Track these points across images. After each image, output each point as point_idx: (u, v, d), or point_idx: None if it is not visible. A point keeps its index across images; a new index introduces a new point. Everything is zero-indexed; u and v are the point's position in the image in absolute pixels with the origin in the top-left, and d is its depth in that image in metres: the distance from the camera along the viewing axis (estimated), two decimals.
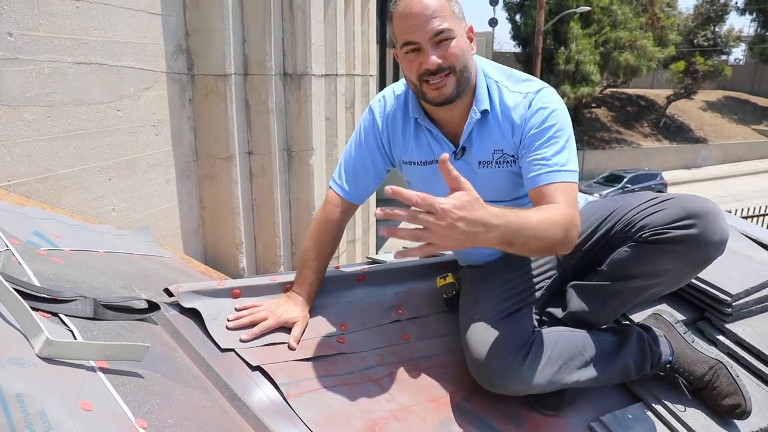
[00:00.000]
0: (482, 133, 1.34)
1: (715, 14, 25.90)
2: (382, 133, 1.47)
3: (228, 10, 3.64)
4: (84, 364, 0.88)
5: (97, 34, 2.74)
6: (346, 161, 1.53)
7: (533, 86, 1.33)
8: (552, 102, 1.30)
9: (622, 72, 21.59)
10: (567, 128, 1.30)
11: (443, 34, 1.22)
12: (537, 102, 1.30)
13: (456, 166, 1.33)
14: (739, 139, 26.17)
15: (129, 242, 1.87)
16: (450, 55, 1.24)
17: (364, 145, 1.49)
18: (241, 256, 4.07)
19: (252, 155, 4.18)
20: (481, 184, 1.36)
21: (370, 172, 1.51)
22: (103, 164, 2.84)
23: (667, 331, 1.44)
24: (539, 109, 1.29)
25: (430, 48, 1.23)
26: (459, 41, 1.25)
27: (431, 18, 1.21)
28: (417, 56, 1.25)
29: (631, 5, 22.02)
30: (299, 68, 4.38)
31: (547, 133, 1.28)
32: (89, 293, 1.12)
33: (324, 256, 1.50)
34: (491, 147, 1.34)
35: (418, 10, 1.21)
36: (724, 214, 1.29)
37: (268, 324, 1.34)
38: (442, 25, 1.22)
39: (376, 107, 1.49)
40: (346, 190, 1.51)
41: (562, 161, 1.26)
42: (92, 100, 2.73)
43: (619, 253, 1.29)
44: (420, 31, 1.22)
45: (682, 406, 1.36)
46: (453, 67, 1.25)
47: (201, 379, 1.13)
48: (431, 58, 1.23)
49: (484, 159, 1.36)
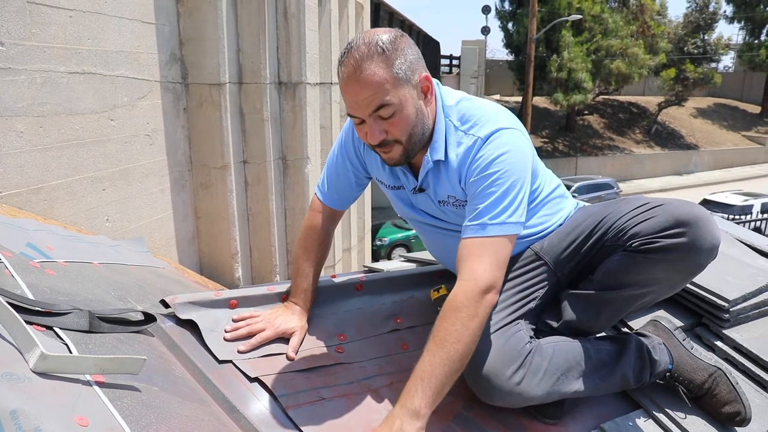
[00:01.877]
0: (437, 178, 1.34)
1: (705, 22, 26.21)
2: (357, 147, 1.47)
3: (222, 18, 3.64)
4: (80, 378, 0.87)
5: (90, 44, 2.74)
6: (328, 168, 1.53)
7: (487, 129, 1.25)
8: (500, 147, 1.23)
9: (614, 79, 21.77)
10: (512, 175, 1.22)
11: (383, 109, 1.17)
12: (483, 149, 1.24)
13: (419, 198, 1.41)
14: (730, 146, 26.42)
15: (123, 253, 1.85)
16: (393, 129, 1.21)
17: (345, 154, 1.49)
18: (236, 266, 4.05)
19: (247, 164, 4.18)
20: (445, 215, 1.41)
21: (351, 180, 1.51)
22: (96, 174, 2.83)
23: (666, 338, 1.44)
24: (482, 157, 1.23)
25: (372, 122, 1.20)
26: (404, 110, 1.20)
27: (370, 95, 1.16)
28: (362, 127, 1.23)
29: (621, 13, 22.25)
30: (294, 77, 4.39)
31: (485, 182, 1.22)
32: (84, 305, 1.10)
33: (315, 263, 1.49)
34: (445, 192, 1.34)
35: (355, 89, 1.17)
36: (714, 219, 1.28)
37: (266, 335, 1.33)
38: (381, 100, 1.16)
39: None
40: (329, 198, 1.52)
41: (493, 213, 1.20)
42: (86, 109, 2.72)
43: (611, 262, 1.28)
44: (359, 108, 1.19)
45: (682, 413, 1.36)
46: (398, 140, 1.23)
47: (198, 391, 1.11)
48: (375, 134, 1.20)
49: (441, 199, 1.37)
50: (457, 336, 1.11)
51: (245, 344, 1.30)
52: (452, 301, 1.15)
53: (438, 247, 1.53)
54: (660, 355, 1.37)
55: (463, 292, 1.14)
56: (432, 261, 2.05)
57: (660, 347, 1.39)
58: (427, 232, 1.51)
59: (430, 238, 1.52)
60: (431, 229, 1.48)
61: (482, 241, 1.19)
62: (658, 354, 1.37)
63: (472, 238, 1.20)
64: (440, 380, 1.08)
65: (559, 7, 19.91)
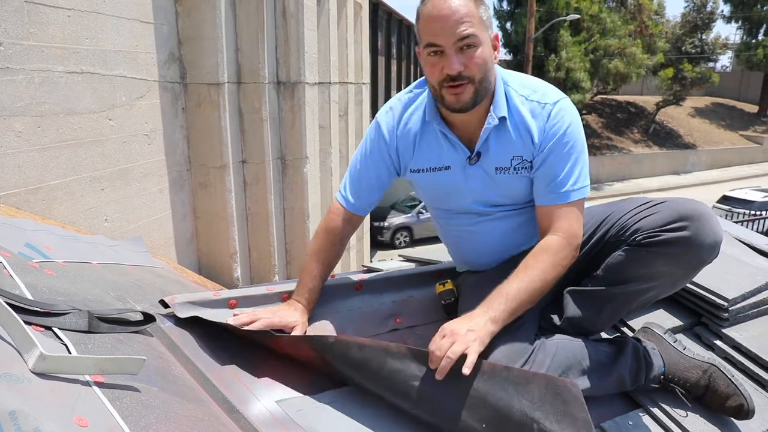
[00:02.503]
0: (500, 140, 1.34)
1: (702, 22, 26.24)
2: (390, 145, 1.45)
3: (221, 18, 3.64)
4: (79, 378, 0.86)
5: (88, 43, 2.73)
6: (351, 174, 1.52)
7: (552, 97, 1.33)
8: (568, 115, 1.32)
9: (612, 79, 21.78)
10: (581, 141, 1.33)
11: (468, 39, 1.21)
12: (556, 114, 1.31)
13: (470, 172, 1.38)
14: (727, 145, 26.46)
15: (122, 253, 1.85)
16: (472, 65, 1.24)
17: (370, 158, 1.48)
18: (235, 266, 4.04)
19: (246, 164, 4.17)
20: (496, 190, 1.38)
21: (374, 184, 1.50)
22: (95, 174, 2.82)
23: (657, 343, 1.44)
24: (559, 123, 1.31)
25: (453, 53, 1.22)
26: (483, 50, 1.24)
27: (458, 23, 1.20)
28: (439, 59, 1.24)
29: (619, 13, 22.27)
30: (293, 76, 4.39)
31: (563, 149, 1.31)
32: (83, 306, 1.10)
33: (325, 264, 1.48)
34: (510, 153, 1.34)
35: (446, 14, 1.20)
36: (717, 217, 1.29)
37: (269, 321, 1.31)
38: (467, 31, 1.21)
39: (384, 120, 1.47)
40: (351, 202, 1.50)
41: (572, 180, 1.31)
42: (84, 109, 2.72)
43: (614, 257, 1.29)
44: (445, 35, 1.21)
45: (682, 411, 1.36)
46: (472, 78, 1.25)
47: (198, 391, 1.11)
48: (453, 63, 1.22)
49: (501, 165, 1.35)
50: (544, 274, 1.24)
51: (248, 319, 1.31)
52: (547, 246, 1.28)
53: (466, 239, 1.50)
54: (655, 359, 1.38)
55: (557, 243, 1.28)
56: (431, 261, 2.05)
57: (654, 351, 1.39)
58: (459, 222, 1.49)
59: (462, 229, 1.49)
60: (468, 218, 1.46)
61: (568, 207, 1.31)
62: (653, 358, 1.37)
63: (557, 205, 1.31)
64: (519, 302, 1.21)
65: (557, 7, 19.91)
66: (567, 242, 1.28)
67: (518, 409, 1.06)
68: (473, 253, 1.52)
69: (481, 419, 1.08)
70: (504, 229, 1.45)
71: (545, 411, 1.04)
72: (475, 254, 1.52)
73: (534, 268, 1.25)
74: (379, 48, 12.66)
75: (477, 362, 1.10)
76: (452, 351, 1.09)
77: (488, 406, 1.08)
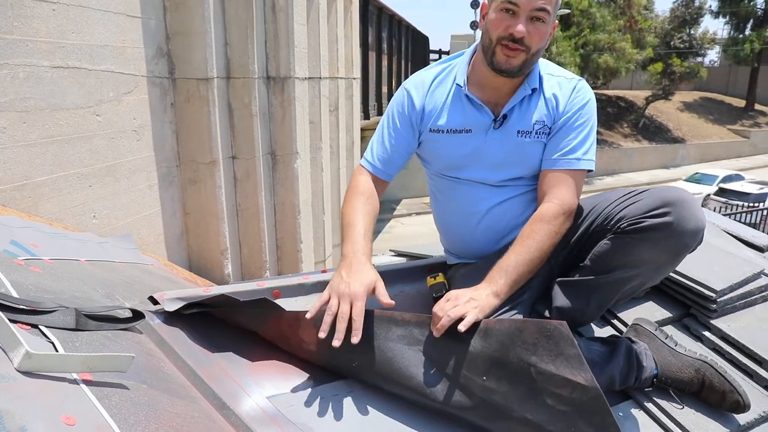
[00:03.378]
0: (527, 107, 1.42)
1: (690, 17, 26.41)
2: (418, 111, 1.47)
3: (209, 12, 3.61)
4: (66, 377, 0.85)
5: (74, 38, 2.70)
6: (378, 141, 1.52)
7: (575, 77, 1.46)
8: (590, 92, 1.44)
9: (602, 73, 21.89)
10: (594, 119, 1.44)
11: (542, 13, 1.29)
12: (580, 89, 1.43)
13: (492, 136, 1.42)
14: (716, 139, 26.69)
15: (111, 250, 1.83)
16: (536, 35, 1.31)
17: (399, 124, 1.49)
18: (226, 262, 4.02)
19: (236, 159, 4.15)
20: (513, 154, 1.42)
21: (401, 150, 1.51)
22: (82, 171, 2.79)
23: (649, 341, 1.45)
24: (582, 96, 1.42)
25: (525, 18, 1.29)
26: (547, 28, 1.33)
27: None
28: (509, 18, 1.30)
29: (609, 8, 22.34)
30: (282, 71, 4.36)
31: (581, 120, 1.40)
32: (70, 303, 1.08)
33: (369, 211, 1.41)
34: (534, 118, 1.41)
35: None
36: (699, 204, 1.31)
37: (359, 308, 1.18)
38: (546, 4, 1.29)
39: (412, 83, 1.50)
40: (378, 168, 1.50)
41: (583, 150, 1.40)
42: (70, 105, 2.68)
43: (600, 246, 1.32)
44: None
45: (670, 402, 1.37)
46: (530, 47, 1.32)
47: (188, 388, 1.10)
48: (521, 26, 1.29)
49: (523, 129, 1.42)
50: (540, 243, 1.31)
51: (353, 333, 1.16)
52: (542, 214, 1.34)
53: (468, 215, 1.49)
54: (647, 362, 1.38)
55: (553, 210, 1.34)
56: (422, 255, 2.05)
57: (646, 353, 1.40)
58: (464, 197, 1.49)
59: (466, 203, 1.49)
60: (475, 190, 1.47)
61: (573, 173, 1.39)
62: (645, 360, 1.38)
63: (564, 170, 1.39)
64: (518, 273, 1.28)
65: None
66: (562, 210, 1.34)
67: (514, 355, 1.10)
68: (470, 235, 1.51)
69: (481, 373, 1.13)
70: (505, 209, 1.46)
71: (539, 354, 1.09)
72: (471, 236, 1.51)
73: (530, 238, 1.31)
74: (370, 43, 12.61)
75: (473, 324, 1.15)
76: (453, 311, 1.16)
77: (486, 359, 1.13)
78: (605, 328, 1.63)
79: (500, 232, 1.47)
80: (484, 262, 1.43)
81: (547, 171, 1.41)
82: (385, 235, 14.64)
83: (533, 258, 1.30)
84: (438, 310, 1.18)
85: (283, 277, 1.55)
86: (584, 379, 1.05)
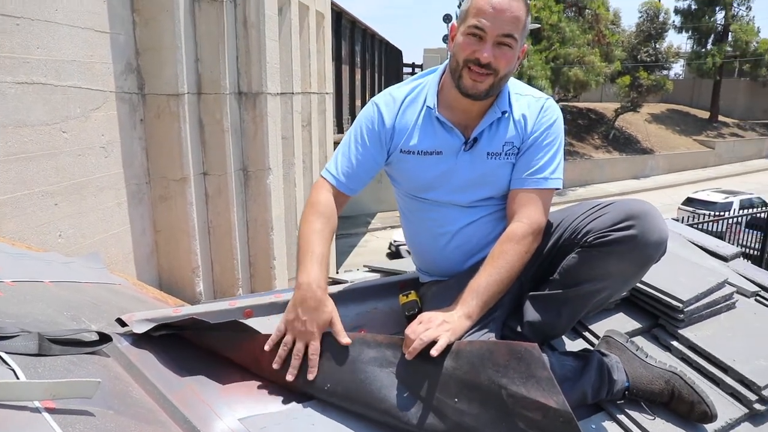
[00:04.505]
0: (497, 129, 1.43)
1: (655, 32, 27.27)
2: (388, 128, 1.46)
3: (180, 28, 3.59)
4: (27, 405, 0.82)
5: (40, 53, 2.65)
6: (343, 154, 1.48)
7: (543, 96, 1.48)
8: (558, 110, 1.47)
9: (572, 86, 22.39)
10: (562, 137, 1.47)
11: (509, 39, 1.30)
12: (548, 107, 1.45)
13: (461, 158, 1.43)
14: (683, 149, 27.47)
15: (77, 270, 1.79)
16: (502, 60, 1.32)
17: (367, 140, 1.47)
18: (197, 280, 3.96)
19: (207, 176, 4.11)
20: (483, 176, 1.43)
21: (369, 166, 1.48)
22: (47, 189, 2.73)
23: (620, 353, 1.47)
24: (549, 115, 1.44)
25: (491, 43, 1.30)
26: (514, 53, 1.34)
27: (508, 21, 1.29)
28: (476, 42, 1.31)
29: (578, 23, 22.91)
30: (254, 87, 4.35)
31: (549, 138, 1.43)
32: (33, 327, 1.05)
33: (326, 236, 1.38)
34: (503, 140, 1.43)
35: (503, 7, 1.28)
36: (662, 216, 1.35)
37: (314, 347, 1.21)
38: (512, 31, 1.30)
39: (383, 100, 1.49)
40: (342, 182, 1.47)
41: (551, 169, 1.42)
42: (35, 121, 2.63)
43: (568, 260, 1.35)
44: (493, 24, 1.28)
45: (642, 414, 1.39)
46: (497, 71, 1.33)
47: (157, 412, 1.08)
48: (487, 52, 1.30)
49: (493, 151, 1.43)
50: (511, 264, 1.33)
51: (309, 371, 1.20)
52: (512, 234, 1.36)
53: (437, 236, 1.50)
54: (618, 375, 1.40)
55: (522, 230, 1.36)
56: (396, 271, 2.05)
57: (618, 366, 1.42)
58: (435, 217, 1.49)
59: (434, 224, 1.49)
60: (445, 211, 1.47)
61: (541, 192, 1.41)
62: (616, 373, 1.40)
63: (533, 188, 1.41)
64: (490, 294, 1.30)
65: None
66: (531, 229, 1.36)
67: (485, 377, 1.11)
68: (440, 254, 1.52)
69: (452, 395, 1.12)
70: (474, 229, 1.47)
71: (510, 376, 1.09)
72: (441, 255, 1.52)
73: (501, 258, 1.33)
74: (343, 57, 12.68)
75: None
76: (425, 335, 1.17)
77: (457, 381, 1.13)
78: (577, 340, 1.65)
79: (470, 251, 1.48)
80: (456, 280, 1.44)
81: (517, 190, 1.42)
82: (360, 249, 14.60)
83: (504, 278, 1.31)
84: (410, 332, 1.19)
85: (255, 295, 1.53)
86: (556, 402, 1.05)
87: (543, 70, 20.75)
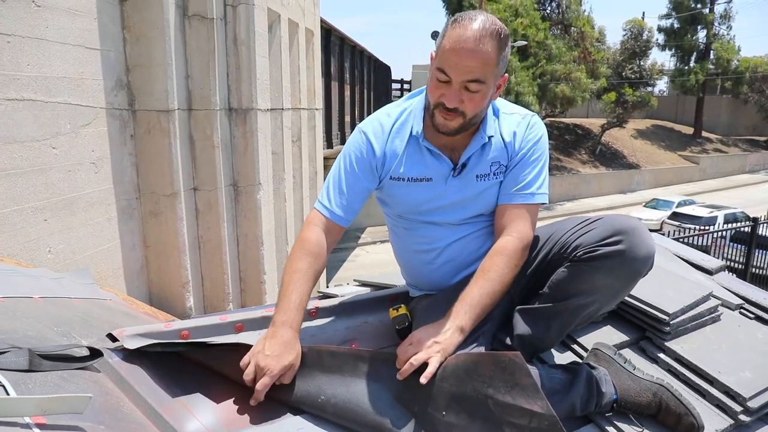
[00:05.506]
0: (484, 152, 1.45)
1: (640, 49, 27.81)
2: (378, 156, 1.46)
3: (170, 45, 3.61)
4: (18, 421, 0.82)
5: (30, 70, 2.65)
6: (335, 185, 1.48)
7: (528, 113, 1.50)
8: (543, 127, 1.49)
9: (559, 102, 22.67)
10: (547, 153, 1.49)
11: (475, 84, 1.29)
12: (534, 124, 1.47)
13: (451, 183, 1.45)
14: (668, 165, 27.86)
15: (67, 286, 1.78)
16: (470, 104, 1.31)
17: (357, 169, 1.46)
18: (188, 296, 3.94)
19: (197, 191, 4.10)
20: (473, 196, 1.45)
21: (360, 195, 1.48)
22: (37, 204, 2.72)
23: (609, 366, 1.48)
24: (535, 132, 1.46)
25: (457, 88, 1.29)
26: (484, 92, 1.31)
27: (476, 67, 1.26)
28: (443, 86, 1.31)
29: (564, 40, 23.29)
30: (244, 103, 4.37)
31: (535, 154, 1.45)
32: (24, 343, 1.05)
33: (310, 279, 1.38)
34: (490, 161, 1.45)
35: (466, 54, 1.25)
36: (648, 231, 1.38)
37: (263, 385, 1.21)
38: (478, 75, 1.27)
39: (371, 129, 1.48)
40: (335, 213, 1.46)
41: (537, 184, 1.45)
42: (25, 137, 2.63)
43: (558, 275, 1.36)
44: (457, 71, 1.27)
45: (630, 426, 1.40)
46: (465, 114, 1.33)
47: (148, 427, 1.08)
48: (453, 98, 1.30)
49: (482, 172, 1.45)
50: (502, 276, 1.35)
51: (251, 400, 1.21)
52: (502, 248, 1.38)
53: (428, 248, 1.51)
54: (606, 387, 1.41)
55: (512, 244, 1.39)
56: (386, 284, 2.06)
57: (606, 378, 1.43)
58: (425, 233, 1.51)
59: (422, 241, 1.52)
60: (435, 229, 1.49)
61: (529, 207, 1.44)
62: (604, 386, 1.41)
63: (521, 204, 1.44)
64: (482, 307, 1.31)
65: None
66: (521, 244, 1.39)
67: (471, 389, 1.13)
68: (429, 269, 1.53)
69: (441, 408, 1.15)
70: (464, 245, 1.49)
71: (496, 386, 1.12)
72: (430, 270, 1.53)
73: (492, 271, 1.35)
74: (332, 73, 12.76)
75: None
76: (415, 358, 1.19)
77: (444, 395, 1.15)
78: (566, 353, 1.66)
79: (459, 266, 1.50)
80: (445, 294, 1.46)
81: (506, 205, 1.45)
82: (349, 263, 14.58)
83: (495, 291, 1.33)
84: (401, 353, 1.22)
85: (246, 310, 1.53)
86: (540, 407, 1.07)
87: (530, 86, 21.00)
